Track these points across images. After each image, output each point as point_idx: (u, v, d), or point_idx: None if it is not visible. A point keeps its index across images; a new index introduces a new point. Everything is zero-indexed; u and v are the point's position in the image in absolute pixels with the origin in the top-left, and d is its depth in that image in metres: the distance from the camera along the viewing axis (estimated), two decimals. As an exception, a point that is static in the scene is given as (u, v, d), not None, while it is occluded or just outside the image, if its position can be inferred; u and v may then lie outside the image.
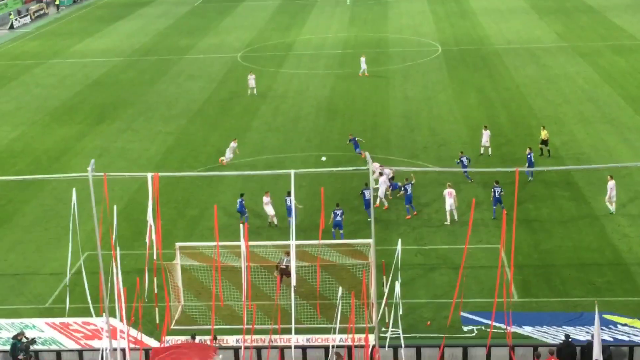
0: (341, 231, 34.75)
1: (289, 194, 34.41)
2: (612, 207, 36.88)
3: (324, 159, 42.62)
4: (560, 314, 28.41)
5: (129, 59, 74.81)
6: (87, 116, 56.39)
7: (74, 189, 26.56)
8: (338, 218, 34.67)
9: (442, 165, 43.28)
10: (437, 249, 34.33)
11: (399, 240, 27.72)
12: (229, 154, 44.35)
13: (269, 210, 36.52)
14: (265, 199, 36.59)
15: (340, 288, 26.63)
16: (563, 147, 45.82)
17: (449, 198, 36.37)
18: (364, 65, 64.34)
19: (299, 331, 27.12)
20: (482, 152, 44.87)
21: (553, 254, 33.56)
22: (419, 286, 31.36)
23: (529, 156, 40.62)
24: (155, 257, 26.63)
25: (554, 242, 34.57)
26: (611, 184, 36.68)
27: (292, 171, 26.75)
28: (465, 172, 40.26)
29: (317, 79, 63.64)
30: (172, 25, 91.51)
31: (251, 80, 59.35)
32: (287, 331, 26.86)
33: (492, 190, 36.81)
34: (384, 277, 27.72)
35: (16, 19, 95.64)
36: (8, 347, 26.55)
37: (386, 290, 27.31)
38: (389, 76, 63.71)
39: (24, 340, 26.43)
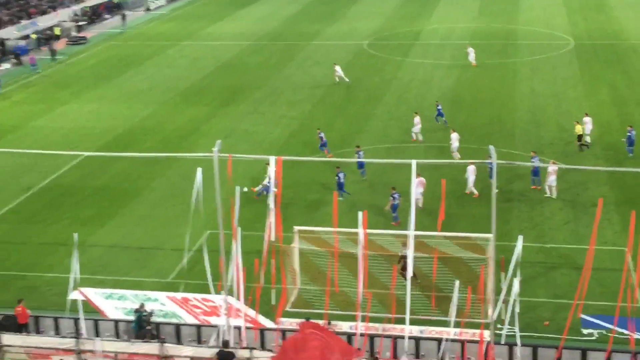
0: (394, 214, 35.88)
1: (394, 189, 35.88)
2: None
3: (245, 189, 38.94)
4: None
5: (257, 43, 76.05)
6: (215, 98, 57.72)
7: (199, 169, 27.22)
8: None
9: (568, 162, 42.05)
10: (559, 248, 33.44)
11: (520, 236, 27.10)
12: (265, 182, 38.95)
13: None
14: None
15: (457, 281, 26.30)
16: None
17: (420, 186, 36.33)
18: (472, 55, 63.29)
19: (413, 322, 26.97)
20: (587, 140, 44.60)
21: (683, 261, 32.06)
22: (538, 285, 30.64)
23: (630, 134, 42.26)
24: (274, 239, 27.00)
25: (685, 248, 33.01)
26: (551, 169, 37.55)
27: (414, 161, 26.46)
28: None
29: (443, 70, 62.90)
30: (301, 11, 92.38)
31: (338, 71, 59.43)
32: (401, 321, 26.75)
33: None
34: (503, 274, 27.19)
35: (152, 1, 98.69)
36: (132, 317, 27.55)
37: (504, 287, 26.80)
38: (516, 69, 62.32)
39: (145, 312, 27.36)
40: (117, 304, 28.97)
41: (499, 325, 26.43)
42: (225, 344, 24.84)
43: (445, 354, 25.55)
